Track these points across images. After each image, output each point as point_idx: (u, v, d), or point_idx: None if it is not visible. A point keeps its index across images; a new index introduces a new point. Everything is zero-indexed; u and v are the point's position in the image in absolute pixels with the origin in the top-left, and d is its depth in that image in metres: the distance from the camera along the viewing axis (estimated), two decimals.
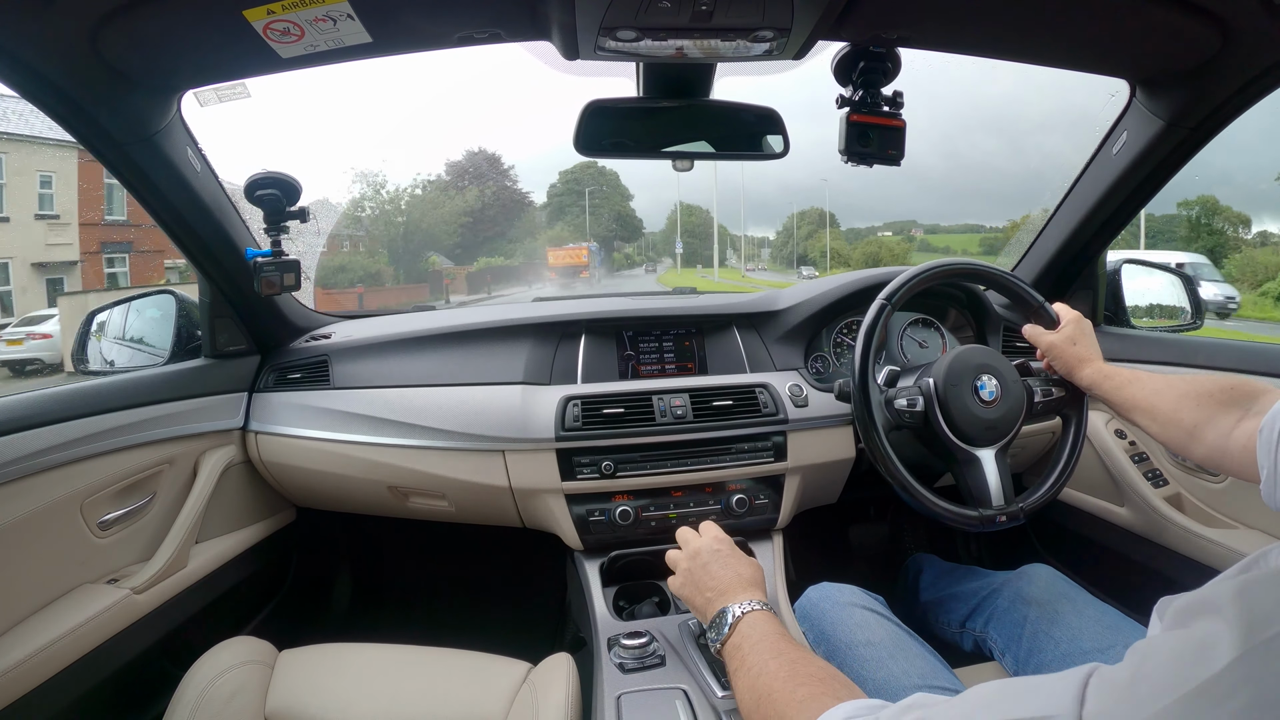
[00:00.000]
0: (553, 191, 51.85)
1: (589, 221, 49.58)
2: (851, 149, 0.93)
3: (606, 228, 52.76)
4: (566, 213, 49.59)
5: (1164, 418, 0.78)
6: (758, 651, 0.61)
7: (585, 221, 49.20)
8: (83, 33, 0.70)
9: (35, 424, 0.83)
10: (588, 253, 27.37)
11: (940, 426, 0.93)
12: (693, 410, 1.12)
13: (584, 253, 27.14)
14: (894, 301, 0.97)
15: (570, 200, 50.53)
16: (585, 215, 49.41)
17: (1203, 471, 1.13)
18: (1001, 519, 0.90)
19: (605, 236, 50.81)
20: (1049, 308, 0.97)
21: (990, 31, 0.88)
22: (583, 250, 27.13)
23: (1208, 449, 0.73)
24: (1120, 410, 0.86)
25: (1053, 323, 0.96)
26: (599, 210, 51.64)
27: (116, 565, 0.97)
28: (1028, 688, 0.38)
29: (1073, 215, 1.26)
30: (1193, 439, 0.74)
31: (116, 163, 0.92)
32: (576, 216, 49.45)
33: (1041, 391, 0.96)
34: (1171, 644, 0.33)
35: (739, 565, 0.76)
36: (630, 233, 57.07)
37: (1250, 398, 0.72)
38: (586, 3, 0.72)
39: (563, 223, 48.15)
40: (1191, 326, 1.42)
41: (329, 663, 0.88)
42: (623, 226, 55.22)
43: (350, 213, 28.74)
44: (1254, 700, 0.28)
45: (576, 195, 50.93)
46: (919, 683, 0.77)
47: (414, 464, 1.13)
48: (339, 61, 0.84)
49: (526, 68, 49.63)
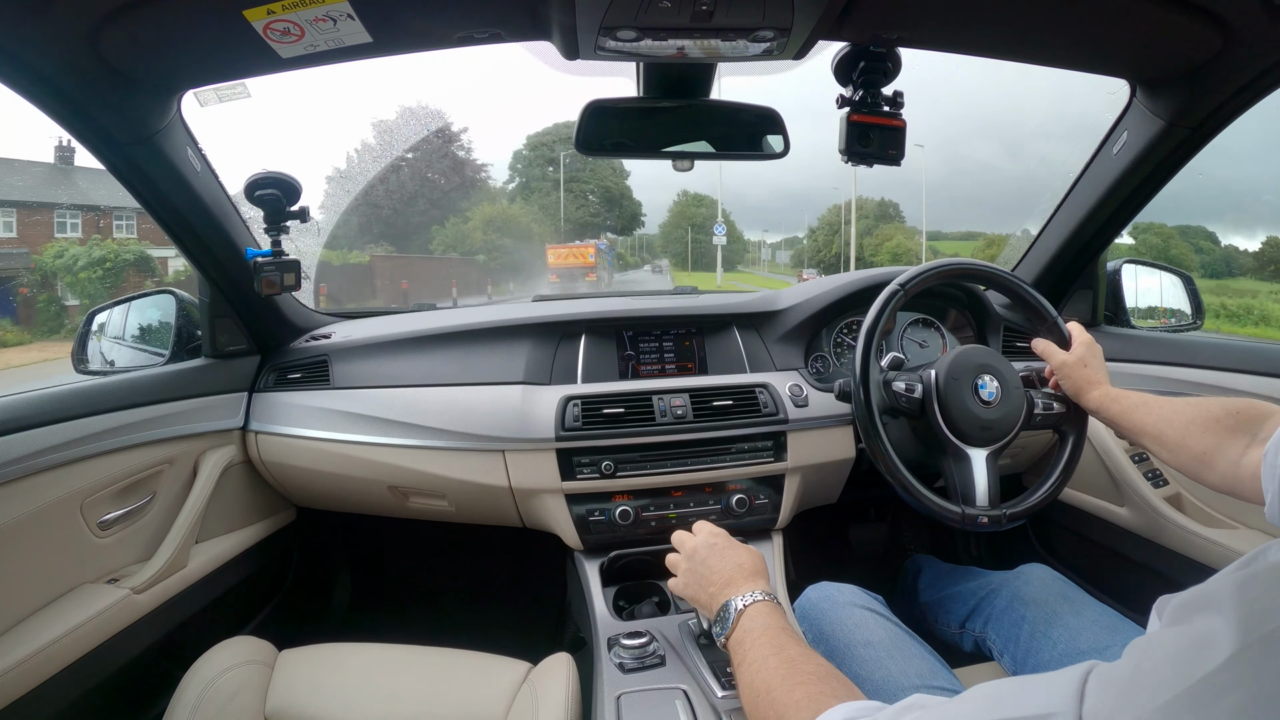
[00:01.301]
0: (518, 162, 37.34)
1: (564, 203, 35.94)
2: (852, 149, 0.93)
3: (592, 212, 37.85)
4: (535, 190, 36.08)
5: (1173, 444, 0.78)
6: (758, 647, 0.61)
7: (559, 203, 35.53)
8: (83, 33, 0.70)
9: (35, 424, 0.83)
10: (595, 251, 23.10)
11: (936, 418, 0.93)
12: (693, 410, 1.12)
13: (590, 251, 22.89)
14: (908, 288, 0.97)
15: (539, 172, 36.89)
16: (559, 192, 35.49)
17: None
18: (983, 520, 0.90)
19: (589, 224, 37.06)
20: (1064, 325, 0.98)
21: (990, 31, 0.88)
22: (589, 249, 23.08)
23: (1220, 477, 0.73)
24: (1128, 435, 0.86)
25: (1065, 341, 0.96)
26: (581, 187, 37.45)
27: (116, 565, 0.97)
28: (1027, 686, 0.38)
29: (1073, 215, 1.26)
30: (1204, 466, 0.74)
31: (116, 163, 0.92)
32: (547, 194, 35.91)
33: (1042, 405, 0.96)
34: (1171, 640, 0.33)
35: (737, 555, 0.76)
36: (625, 220, 41.19)
37: (1256, 422, 0.71)
38: (587, 3, 0.72)
39: (529, 203, 34.56)
40: (1192, 326, 1.42)
41: (329, 663, 0.88)
42: (614, 210, 39.54)
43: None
44: (1252, 696, 0.28)
45: (548, 165, 36.67)
46: (918, 683, 0.77)
47: (414, 464, 1.13)
48: (339, 61, 0.84)
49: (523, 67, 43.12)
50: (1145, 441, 0.82)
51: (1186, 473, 0.77)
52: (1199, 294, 1.44)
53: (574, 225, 36.02)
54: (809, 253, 49.18)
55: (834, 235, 45.11)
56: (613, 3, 0.72)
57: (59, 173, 13.79)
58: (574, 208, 37.24)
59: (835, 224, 45.51)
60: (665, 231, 55.91)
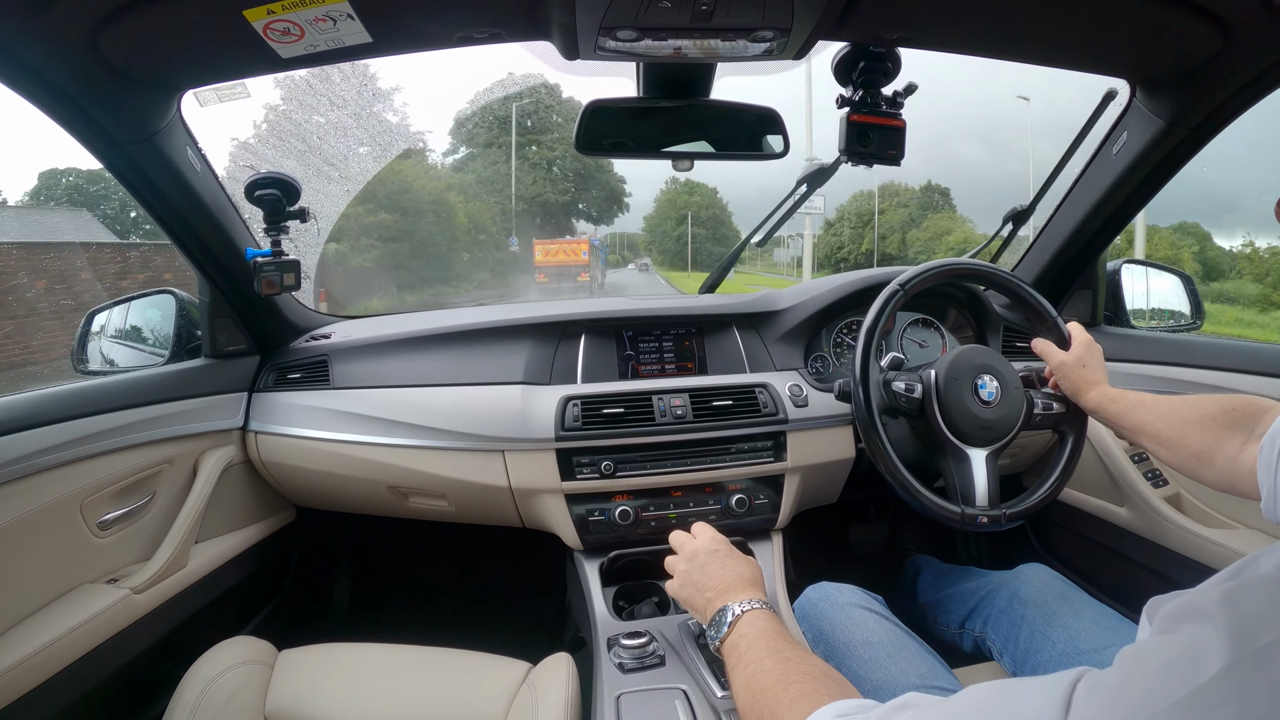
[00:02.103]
0: (464, 126, 27.78)
1: (514, 174, 26.79)
2: (851, 149, 0.93)
3: (560, 189, 28.75)
4: (478, 160, 27.24)
5: (1171, 443, 0.78)
6: (755, 649, 0.62)
7: (509, 174, 26.69)
8: (83, 33, 0.70)
9: (35, 424, 0.83)
10: (588, 247, 20.40)
11: (936, 418, 0.93)
12: (692, 410, 1.12)
13: (583, 247, 20.24)
14: (908, 289, 0.97)
15: (486, 137, 27.50)
16: (508, 164, 26.64)
17: None
18: (983, 520, 0.90)
19: (555, 204, 28.12)
20: (1063, 325, 0.98)
21: (990, 32, 0.88)
22: (582, 244, 20.48)
23: (1218, 474, 0.73)
24: (1126, 435, 0.86)
25: (1064, 341, 0.96)
26: (545, 155, 27.87)
27: (116, 565, 0.97)
28: (1017, 691, 0.38)
29: (1073, 215, 1.26)
30: (1203, 464, 0.75)
31: (116, 163, 0.92)
32: (492, 164, 26.97)
33: (1042, 404, 0.96)
34: (1160, 650, 0.33)
35: (738, 565, 0.76)
36: (603, 202, 31.17)
37: (1253, 418, 0.72)
38: (586, 3, 0.72)
39: (468, 176, 26.16)
40: (1192, 326, 1.42)
41: (329, 663, 0.88)
42: (588, 188, 29.64)
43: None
44: (1241, 713, 0.28)
45: (499, 128, 27.28)
46: (918, 683, 0.77)
47: (414, 464, 1.13)
48: (339, 61, 0.84)
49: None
50: (1143, 440, 0.82)
51: (1185, 471, 0.78)
52: (1199, 294, 1.44)
53: (533, 206, 27.82)
54: (827, 250, 39.24)
55: (864, 228, 37.07)
56: (613, 3, 0.72)
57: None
58: (532, 181, 27.81)
59: (864, 214, 37.56)
60: (651, 224, 47.62)
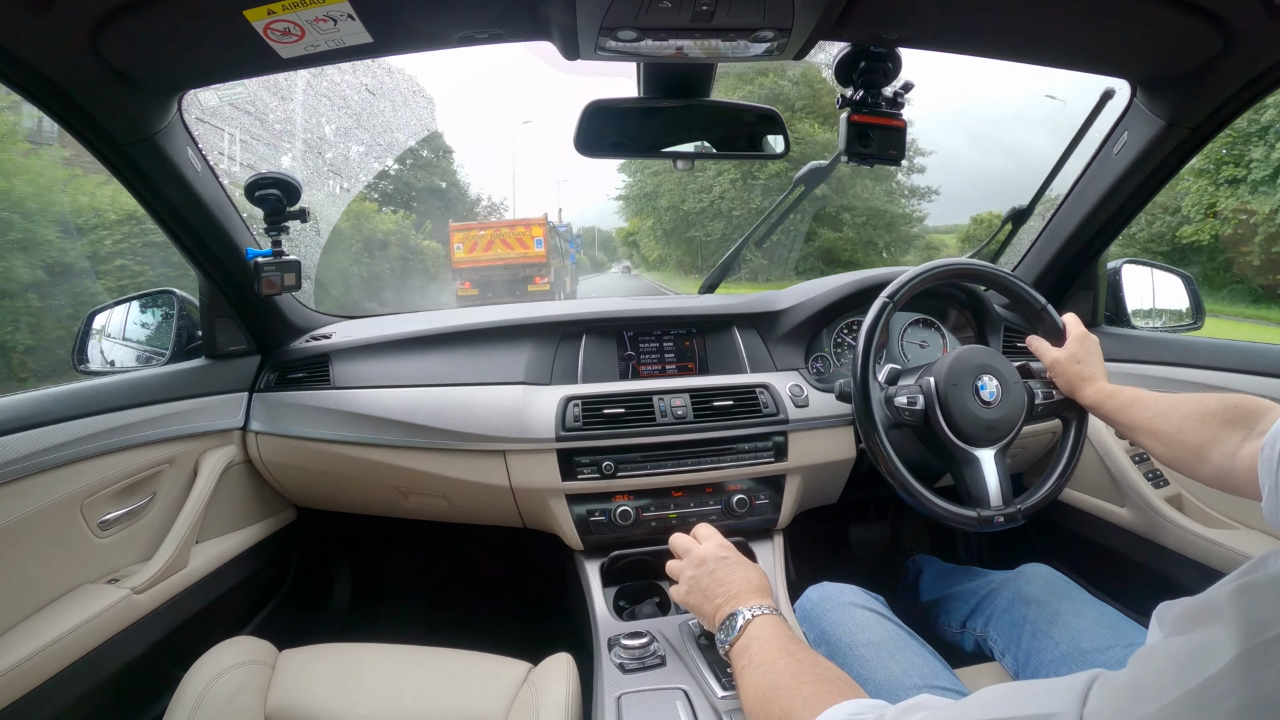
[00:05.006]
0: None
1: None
2: (852, 149, 0.93)
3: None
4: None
5: (1169, 439, 0.78)
6: (766, 651, 0.62)
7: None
8: (83, 33, 0.70)
9: (35, 424, 0.83)
10: (543, 234, 12.28)
11: (940, 426, 0.93)
12: (693, 410, 1.12)
13: (534, 233, 12.23)
14: (896, 300, 0.97)
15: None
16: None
17: None
18: (1000, 520, 0.90)
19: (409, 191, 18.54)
20: (1051, 310, 0.97)
21: (990, 32, 0.88)
22: (533, 228, 12.30)
23: (1214, 470, 0.72)
24: (1124, 431, 0.86)
25: (1057, 329, 0.96)
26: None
27: (117, 565, 0.97)
28: (1033, 690, 0.38)
29: (1073, 215, 1.26)
30: (1199, 460, 0.74)
31: (116, 163, 0.92)
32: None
33: (1043, 394, 0.96)
34: (1172, 649, 0.33)
35: (747, 572, 0.76)
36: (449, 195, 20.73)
37: (1254, 417, 0.71)
38: (587, 3, 0.72)
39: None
40: (1192, 326, 1.42)
41: (329, 663, 0.88)
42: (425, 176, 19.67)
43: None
44: (1250, 700, 0.28)
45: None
46: (919, 683, 0.77)
47: (414, 464, 1.13)
48: (339, 61, 0.84)
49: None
50: (1140, 437, 0.82)
51: (1180, 466, 0.77)
52: (1199, 294, 1.44)
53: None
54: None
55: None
56: (613, 3, 0.72)
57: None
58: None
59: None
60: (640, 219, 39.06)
